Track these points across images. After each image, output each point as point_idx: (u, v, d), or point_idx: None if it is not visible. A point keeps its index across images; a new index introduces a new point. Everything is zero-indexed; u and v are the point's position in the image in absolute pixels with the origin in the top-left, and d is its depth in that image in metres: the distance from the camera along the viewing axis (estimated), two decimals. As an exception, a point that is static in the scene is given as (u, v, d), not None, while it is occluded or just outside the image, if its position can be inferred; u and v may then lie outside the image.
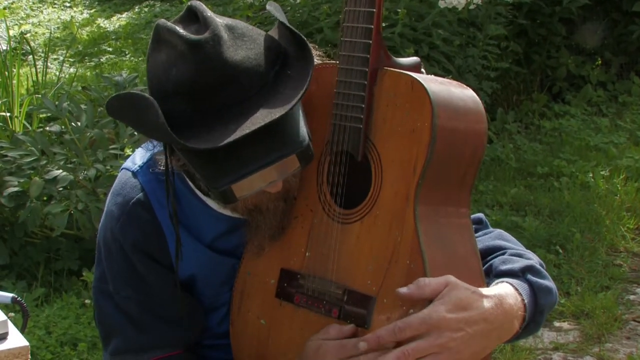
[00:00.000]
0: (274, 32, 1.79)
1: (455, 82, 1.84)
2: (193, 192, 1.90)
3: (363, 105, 1.76)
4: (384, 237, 1.75)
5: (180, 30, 1.66)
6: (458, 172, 1.80)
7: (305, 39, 1.72)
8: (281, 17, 1.79)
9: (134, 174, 1.92)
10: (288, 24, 1.75)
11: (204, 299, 1.97)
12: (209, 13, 1.71)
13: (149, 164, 1.91)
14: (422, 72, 1.82)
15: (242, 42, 1.69)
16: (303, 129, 1.69)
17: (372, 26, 1.76)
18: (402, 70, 1.77)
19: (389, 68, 1.78)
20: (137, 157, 1.96)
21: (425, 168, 1.71)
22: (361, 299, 1.76)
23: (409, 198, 1.72)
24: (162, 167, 1.81)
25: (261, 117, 1.62)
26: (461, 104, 1.78)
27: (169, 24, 1.69)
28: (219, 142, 1.59)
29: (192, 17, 1.72)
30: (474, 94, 1.84)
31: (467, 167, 1.81)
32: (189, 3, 1.76)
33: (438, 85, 1.75)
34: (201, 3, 1.75)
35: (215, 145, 1.59)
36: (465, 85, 1.85)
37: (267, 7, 1.82)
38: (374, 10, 1.75)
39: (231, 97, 1.66)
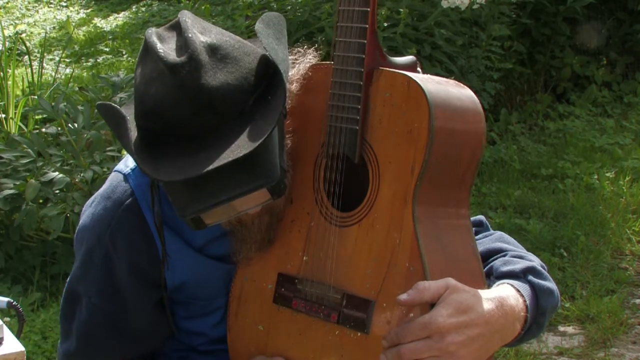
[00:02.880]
0: (259, 47, 1.75)
1: (452, 82, 1.83)
2: None
3: (359, 106, 1.75)
4: (382, 239, 1.74)
5: (159, 48, 1.64)
6: (457, 172, 1.79)
7: (279, 69, 1.68)
8: (268, 36, 1.75)
9: (126, 177, 1.91)
10: (271, 49, 1.71)
11: (195, 304, 1.96)
12: (192, 31, 1.67)
13: None
14: (418, 71, 1.81)
15: (224, 64, 1.66)
16: (275, 161, 1.66)
17: (367, 25, 1.74)
18: (397, 70, 1.76)
19: (384, 68, 1.76)
20: (130, 159, 1.94)
21: (423, 169, 1.70)
22: (360, 303, 1.75)
23: (407, 200, 1.72)
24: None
25: (229, 152, 1.60)
26: (459, 103, 1.77)
27: (153, 37, 1.67)
28: (182, 174, 1.59)
29: (178, 30, 1.69)
30: (472, 93, 1.82)
31: (466, 168, 1.80)
32: (181, 12, 1.73)
33: (435, 85, 1.74)
34: (189, 15, 1.72)
35: (176, 178, 1.60)
36: (463, 85, 1.84)
37: (257, 25, 1.77)
38: (368, 9, 1.74)
39: (205, 123, 1.63)
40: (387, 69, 1.76)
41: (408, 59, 1.82)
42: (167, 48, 1.65)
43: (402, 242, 1.71)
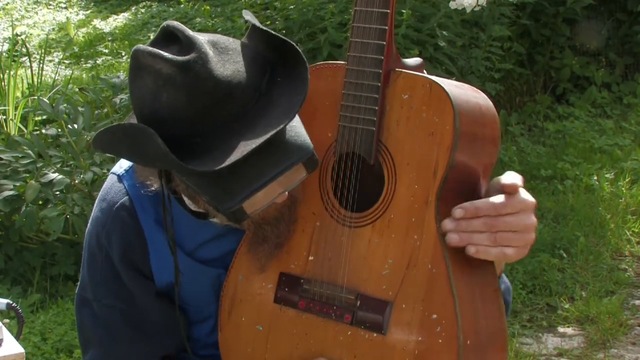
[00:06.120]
0: (247, 40, 1.75)
1: (467, 85, 1.83)
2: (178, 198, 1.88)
3: (376, 107, 1.74)
4: (399, 241, 1.74)
5: (164, 53, 1.62)
6: (475, 176, 1.80)
7: (292, 42, 1.69)
8: (257, 23, 1.76)
9: (120, 178, 1.92)
10: (270, 30, 1.72)
11: (189, 310, 1.97)
12: (190, 32, 1.67)
13: (135, 167, 1.89)
14: (424, 73, 1.81)
15: (228, 56, 1.66)
16: (305, 134, 1.67)
17: (386, 27, 1.74)
18: (416, 72, 1.76)
19: (401, 70, 1.76)
20: (124, 161, 1.95)
21: (447, 172, 1.70)
22: (376, 304, 1.75)
23: (429, 202, 1.71)
24: (148, 189, 1.81)
25: (263, 129, 1.59)
26: (477, 107, 1.78)
27: (149, 48, 1.64)
28: (224, 161, 1.57)
29: (171, 38, 1.68)
30: (487, 98, 1.83)
31: (482, 171, 1.81)
32: (163, 24, 1.71)
33: (456, 89, 1.74)
34: (178, 22, 1.71)
35: (221, 165, 1.57)
36: (477, 89, 1.84)
37: (244, 15, 1.79)
38: (388, 11, 1.73)
39: (228, 114, 1.63)
40: (405, 70, 1.76)
41: (416, 60, 1.82)
42: (169, 54, 1.64)
43: (424, 244, 1.71)
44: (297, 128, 1.66)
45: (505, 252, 1.70)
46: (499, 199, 1.70)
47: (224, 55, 1.65)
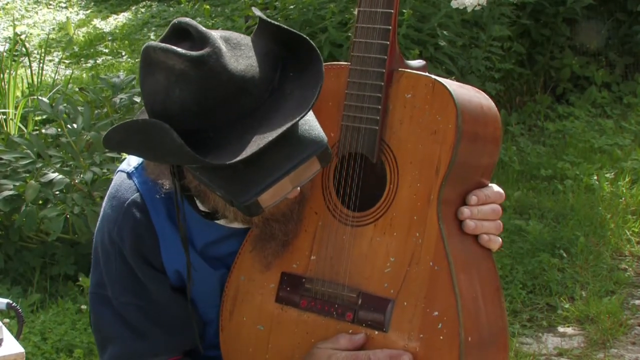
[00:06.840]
0: (258, 36, 1.75)
1: (468, 86, 1.84)
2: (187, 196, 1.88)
3: (379, 107, 1.75)
4: (401, 239, 1.75)
5: (177, 48, 1.62)
6: (477, 174, 1.81)
7: (305, 36, 1.70)
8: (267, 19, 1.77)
9: (129, 175, 1.91)
10: (283, 25, 1.72)
11: (197, 311, 1.96)
12: (202, 27, 1.67)
13: (144, 165, 1.90)
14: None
15: (240, 51, 1.67)
16: (320, 129, 1.68)
17: (390, 27, 1.75)
18: (419, 72, 1.77)
19: (404, 69, 1.77)
20: (132, 158, 1.95)
21: (449, 169, 1.71)
22: (378, 302, 1.76)
23: (431, 199, 1.72)
24: (160, 190, 1.82)
25: (277, 123, 1.60)
26: (479, 107, 1.79)
27: (161, 44, 1.65)
28: (239, 155, 1.58)
29: (182, 34, 1.68)
30: (489, 98, 1.84)
31: (484, 170, 1.82)
32: (174, 21, 1.72)
33: (458, 88, 1.76)
34: (189, 19, 1.72)
35: (237, 158, 1.57)
36: (479, 90, 1.85)
37: (253, 11, 1.81)
38: (392, 11, 1.75)
39: (242, 108, 1.64)
40: (408, 70, 1.77)
41: (419, 62, 1.84)
42: (182, 49, 1.64)
43: (425, 241, 1.72)
44: (310, 122, 1.67)
45: (500, 241, 1.80)
46: (498, 188, 1.81)
47: (237, 51, 1.66)
